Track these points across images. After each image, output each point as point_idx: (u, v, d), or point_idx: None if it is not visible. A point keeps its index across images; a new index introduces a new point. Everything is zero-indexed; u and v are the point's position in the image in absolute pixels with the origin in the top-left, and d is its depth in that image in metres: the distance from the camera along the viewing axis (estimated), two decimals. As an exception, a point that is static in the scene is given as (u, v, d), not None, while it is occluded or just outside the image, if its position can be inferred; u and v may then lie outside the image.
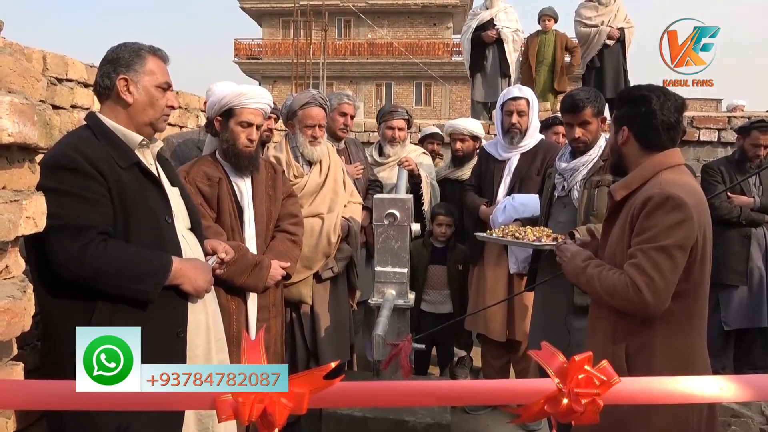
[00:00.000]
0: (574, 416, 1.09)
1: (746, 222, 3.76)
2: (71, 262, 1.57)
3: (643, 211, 1.70)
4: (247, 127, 2.43)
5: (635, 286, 1.66)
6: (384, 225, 2.80)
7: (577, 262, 1.88)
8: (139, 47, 1.77)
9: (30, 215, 1.23)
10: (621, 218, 1.82)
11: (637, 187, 1.80)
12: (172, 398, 1.18)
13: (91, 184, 1.60)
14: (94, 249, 1.59)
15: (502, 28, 6.17)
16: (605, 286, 1.74)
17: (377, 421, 2.64)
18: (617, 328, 1.80)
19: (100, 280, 1.61)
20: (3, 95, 1.10)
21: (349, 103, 3.52)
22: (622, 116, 1.86)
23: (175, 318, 1.79)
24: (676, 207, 1.66)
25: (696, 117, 4.90)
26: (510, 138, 3.34)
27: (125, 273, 1.63)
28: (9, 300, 1.13)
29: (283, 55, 26.17)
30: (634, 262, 1.68)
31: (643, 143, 1.82)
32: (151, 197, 1.76)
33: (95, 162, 1.62)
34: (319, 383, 1.04)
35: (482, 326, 3.42)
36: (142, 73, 1.74)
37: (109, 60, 1.75)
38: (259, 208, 2.55)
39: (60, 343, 1.62)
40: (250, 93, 2.44)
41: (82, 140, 1.66)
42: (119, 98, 1.73)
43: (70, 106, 2.43)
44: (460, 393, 1.32)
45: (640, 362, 1.74)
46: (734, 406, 2.94)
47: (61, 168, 1.58)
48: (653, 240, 1.67)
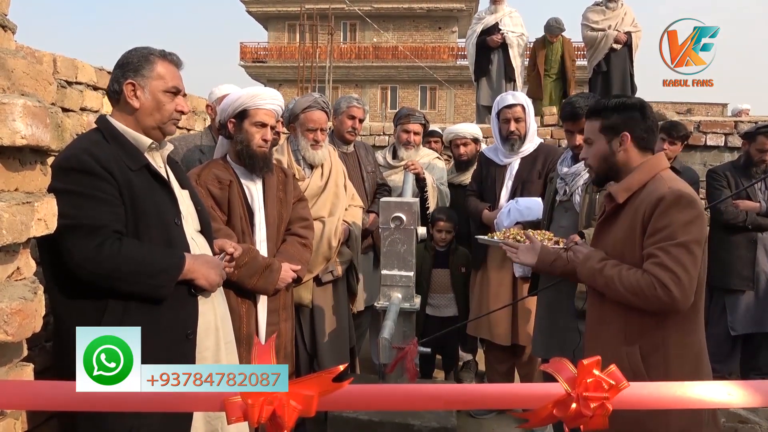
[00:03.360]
0: (583, 420, 1.09)
1: (752, 227, 3.75)
2: (88, 261, 1.58)
3: (657, 210, 1.72)
4: (261, 127, 2.45)
5: (662, 284, 1.67)
6: (390, 228, 2.81)
7: (593, 263, 1.87)
8: (149, 52, 1.79)
9: (41, 217, 1.24)
10: (624, 220, 1.84)
11: (637, 189, 1.84)
12: (181, 399, 1.18)
13: (102, 184, 1.62)
14: (110, 247, 1.61)
15: (506, 33, 6.18)
16: (628, 286, 1.73)
17: (383, 425, 2.64)
18: (628, 329, 1.80)
19: (116, 278, 1.62)
20: (17, 98, 1.10)
21: (358, 107, 3.53)
22: (619, 124, 1.88)
23: (185, 320, 1.80)
24: (688, 204, 1.72)
25: (702, 122, 4.89)
26: (510, 145, 3.34)
27: (140, 270, 1.65)
28: (21, 301, 1.14)
29: (289, 59, 26.24)
30: (657, 260, 1.69)
31: (641, 146, 1.88)
32: (161, 199, 1.78)
33: (105, 164, 1.64)
34: (328, 386, 1.05)
35: (486, 331, 3.41)
36: (150, 78, 1.75)
37: (120, 65, 1.77)
38: (271, 211, 2.56)
39: (71, 343, 1.63)
40: (264, 94, 2.47)
41: (92, 143, 1.68)
42: (126, 103, 1.75)
43: (79, 108, 2.44)
44: (467, 397, 1.32)
45: (655, 361, 1.76)
46: (741, 411, 2.92)
47: (73, 170, 1.59)
48: (671, 237, 1.70)
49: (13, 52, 1.17)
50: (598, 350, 1.77)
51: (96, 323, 1.56)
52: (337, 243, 2.95)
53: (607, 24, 6.09)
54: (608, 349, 1.79)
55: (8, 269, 1.19)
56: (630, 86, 6.13)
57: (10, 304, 1.11)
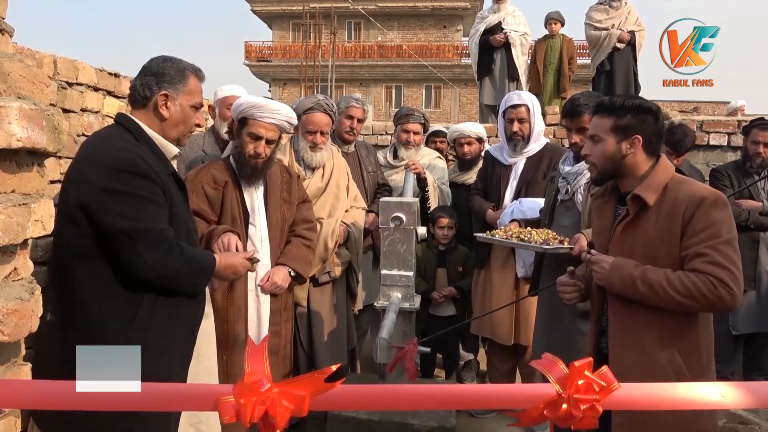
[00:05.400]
0: (573, 421, 1.10)
1: (754, 226, 3.74)
2: (159, 264, 1.67)
3: (699, 210, 1.74)
4: (254, 139, 2.44)
5: (722, 282, 1.68)
6: (390, 228, 2.82)
7: (628, 270, 1.80)
8: (185, 67, 1.86)
9: (38, 218, 1.25)
10: (655, 221, 1.80)
11: (661, 190, 1.84)
12: (174, 399, 1.20)
13: (156, 189, 1.71)
14: (177, 251, 1.72)
15: (509, 32, 6.17)
16: (682, 289, 1.70)
17: (382, 424, 2.65)
18: (663, 331, 1.79)
19: (177, 279, 1.75)
20: (12, 101, 1.12)
21: (356, 107, 3.53)
22: (631, 125, 1.86)
23: (195, 316, 1.91)
24: (725, 204, 1.77)
25: (705, 121, 4.87)
26: (513, 145, 3.35)
27: (194, 271, 1.82)
28: (17, 302, 1.15)
29: (293, 58, 26.27)
30: (710, 259, 1.70)
31: (649, 150, 1.88)
32: (181, 205, 1.85)
33: (156, 168, 1.72)
34: (320, 386, 1.06)
35: (489, 330, 3.41)
36: (182, 92, 1.83)
37: (154, 72, 1.82)
38: (273, 212, 2.57)
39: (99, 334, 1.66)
40: (266, 107, 2.43)
41: (135, 145, 1.74)
42: (156, 110, 1.81)
43: (80, 109, 2.47)
44: (461, 396, 1.33)
45: (693, 362, 1.78)
46: (742, 412, 2.92)
47: (132, 173, 1.66)
48: (718, 236, 1.72)
49: (10, 55, 1.18)
50: (630, 357, 1.79)
51: (131, 316, 1.68)
52: (333, 244, 2.96)
53: (611, 23, 6.08)
54: (643, 356, 1.79)
55: (5, 270, 1.20)
56: (633, 85, 6.12)
57: (7, 305, 1.13)
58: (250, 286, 2.50)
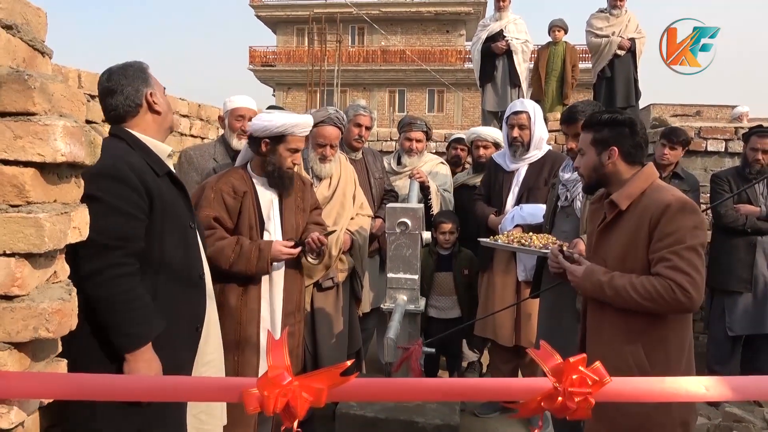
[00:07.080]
0: (568, 412, 1.20)
1: (752, 231, 3.83)
2: (92, 276, 1.61)
3: (664, 216, 1.83)
4: (294, 153, 2.60)
5: (680, 287, 1.77)
6: (396, 233, 2.92)
7: (597, 277, 1.93)
8: (138, 64, 1.92)
9: (76, 225, 1.36)
10: (627, 225, 1.92)
11: (637, 196, 1.94)
12: (201, 390, 1.31)
13: (131, 195, 1.70)
14: (115, 273, 1.64)
15: (511, 39, 6.25)
16: (643, 293, 1.81)
17: (388, 422, 2.74)
18: (630, 328, 1.90)
19: (100, 304, 1.64)
20: (57, 119, 1.23)
21: (364, 115, 3.66)
22: (608, 138, 1.99)
23: (198, 314, 1.95)
24: (693, 211, 1.85)
25: (703, 127, 4.94)
26: (513, 151, 3.45)
27: (121, 310, 1.66)
28: (60, 302, 1.26)
29: (298, 63, 26.47)
30: (670, 264, 1.79)
31: (628, 160, 1.98)
32: (179, 204, 1.91)
33: (143, 172, 1.76)
34: (337, 379, 1.17)
35: (491, 332, 3.50)
36: (155, 85, 1.92)
37: (126, 83, 1.85)
38: (288, 219, 2.67)
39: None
40: (303, 123, 2.60)
41: (126, 151, 1.79)
42: (151, 110, 1.89)
43: (101, 120, 2.58)
44: (465, 389, 1.45)
45: (657, 357, 1.86)
46: (737, 411, 3.00)
47: (103, 175, 1.65)
48: (681, 242, 1.80)
49: (52, 77, 1.29)
50: (600, 351, 1.89)
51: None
52: (337, 252, 3.05)
53: (611, 30, 6.15)
54: (610, 349, 1.90)
55: (48, 273, 1.31)
56: (634, 92, 6.19)
57: (51, 305, 1.24)
58: (263, 289, 2.59)
